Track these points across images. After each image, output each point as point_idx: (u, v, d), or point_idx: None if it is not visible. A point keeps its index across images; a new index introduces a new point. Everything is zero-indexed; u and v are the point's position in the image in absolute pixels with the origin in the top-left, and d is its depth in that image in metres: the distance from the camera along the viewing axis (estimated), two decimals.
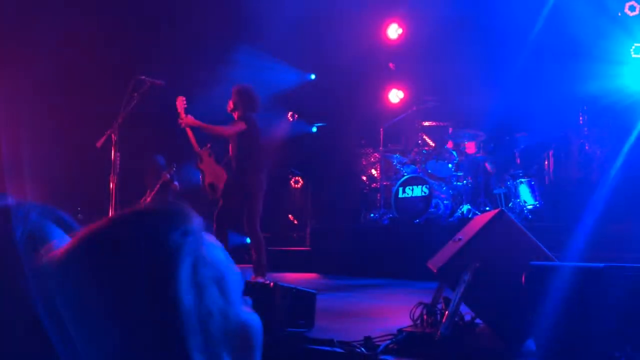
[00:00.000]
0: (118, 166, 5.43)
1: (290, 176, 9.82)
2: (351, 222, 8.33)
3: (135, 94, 5.42)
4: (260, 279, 5.03)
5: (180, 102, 5.45)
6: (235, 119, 5.53)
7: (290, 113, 10.18)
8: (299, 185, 9.82)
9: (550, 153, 7.26)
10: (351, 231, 7.85)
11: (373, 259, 6.91)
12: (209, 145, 5.68)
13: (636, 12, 7.04)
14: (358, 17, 8.83)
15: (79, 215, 8.50)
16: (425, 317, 3.15)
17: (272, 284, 3.19)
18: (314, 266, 7.23)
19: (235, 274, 0.63)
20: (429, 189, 7.06)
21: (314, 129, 10.08)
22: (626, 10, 7.13)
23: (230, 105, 5.55)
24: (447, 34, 8.15)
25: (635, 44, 6.92)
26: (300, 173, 9.79)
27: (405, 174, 7.52)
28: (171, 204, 0.64)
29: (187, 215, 0.61)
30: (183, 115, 5.42)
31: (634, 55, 6.92)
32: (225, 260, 0.62)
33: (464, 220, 6.74)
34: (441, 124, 8.15)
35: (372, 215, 7.98)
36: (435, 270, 3.12)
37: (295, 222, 9.53)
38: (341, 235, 7.71)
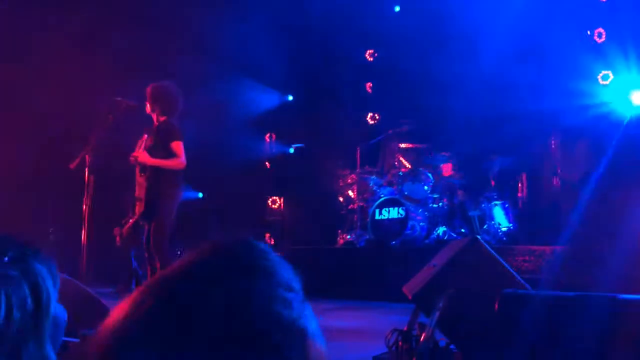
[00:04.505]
0: (92, 188, 5.37)
1: (268, 196, 9.80)
2: (327, 243, 8.32)
3: (110, 116, 5.38)
4: None
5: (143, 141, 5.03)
6: (155, 123, 5.09)
7: (268, 134, 10.21)
8: (276, 206, 9.80)
9: (524, 176, 7.38)
10: (327, 252, 7.84)
11: (349, 281, 6.90)
12: None
13: (603, 39, 7.23)
14: (336, 39, 8.94)
15: (51, 236, 8.36)
16: (400, 343, 3.15)
17: None
18: None
19: None
20: (405, 210, 7.10)
21: (292, 150, 10.11)
22: (595, 37, 7.33)
23: (148, 108, 5.11)
24: (423, 57, 8.29)
25: (604, 71, 7.10)
26: (278, 193, 9.79)
27: (381, 195, 7.56)
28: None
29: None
30: (139, 150, 4.95)
31: (602, 82, 7.10)
32: None
33: (440, 242, 6.79)
34: (417, 146, 8.23)
35: (348, 236, 7.98)
36: (410, 297, 3.13)
37: (272, 242, 9.49)
38: (317, 257, 7.70)
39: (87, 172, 5.29)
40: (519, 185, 7.41)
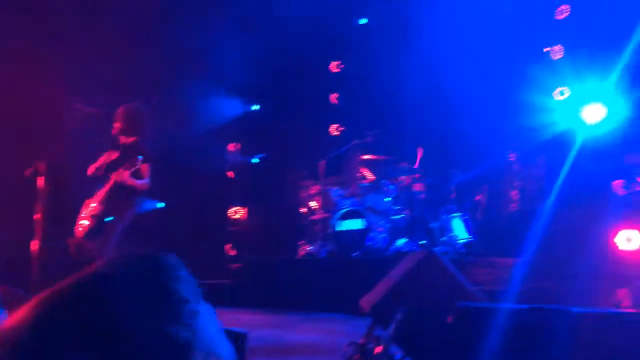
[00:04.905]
0: (45, 196, 5.21)
1: (231, 206, 9.70)
2: (289, 254, 8.27)
3: (68, 122, 5.26)
4: None
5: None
6: (120, 143, 5.10)
7: (232, 143, 10.12)
8: (239, 216, 9.70)
9: (484, 188, 7.52)
10: (288, 264, 7.79)
11: (310, 293, 6.86)
12: None
13: (560, 55, 7.44)
14: (302, 50, 8.95)
15: None
16: (356, 356, 3.13)
17: None
18: (250, 300, 7.10)
19: None
20: (367, 222, 7.13)
21: (256, 160, 10.04)
22: (552, 54, 7.54)
23: (116, 128, 5.11)
24: (388, 70, 8.39)
25: (560, 88, 7.29)
26: (240, 203, 9.70)
27: (344, 207, 7.57)
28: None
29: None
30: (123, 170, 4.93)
31: (558, 98, 7.29)
32: None
33: (401, 253, 6.83)
34: (380, 157, 8.28)
35: (310, 247, 7.96)
36: (367, 309, 3.12)
37: (232, 253, 9.37)
38: (278, 268, 7.64)
39: (40, 180, 5.15)
40: (480, 197, 7.54)
